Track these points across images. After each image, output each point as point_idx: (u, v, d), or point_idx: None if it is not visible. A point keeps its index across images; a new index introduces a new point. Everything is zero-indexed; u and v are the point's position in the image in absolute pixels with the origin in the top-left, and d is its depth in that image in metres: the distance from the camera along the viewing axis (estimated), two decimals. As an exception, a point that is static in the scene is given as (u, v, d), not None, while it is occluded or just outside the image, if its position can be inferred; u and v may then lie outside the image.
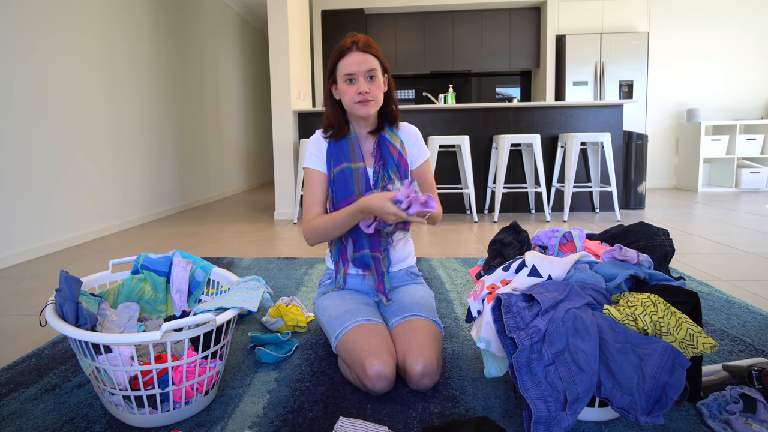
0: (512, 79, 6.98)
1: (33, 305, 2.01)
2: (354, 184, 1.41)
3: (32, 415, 1.16)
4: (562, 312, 0.98)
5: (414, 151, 1.51)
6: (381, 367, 1.15)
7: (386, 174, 1.42)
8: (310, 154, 1.47)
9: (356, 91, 1.35)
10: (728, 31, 6.04)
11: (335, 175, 1.43)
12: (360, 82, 1.34)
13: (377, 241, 1.43)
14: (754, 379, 1.12)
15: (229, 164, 6.34)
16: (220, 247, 3.07)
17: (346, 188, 1.42)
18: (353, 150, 1.44)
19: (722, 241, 2.95)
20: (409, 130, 1.52)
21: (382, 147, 1.45)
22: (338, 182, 1.43)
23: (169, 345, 1.04)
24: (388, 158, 1.43)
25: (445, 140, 3.86)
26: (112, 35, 3.70)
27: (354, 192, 1.41)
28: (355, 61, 1.34)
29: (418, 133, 1.54)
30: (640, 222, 1.33)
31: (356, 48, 1.35)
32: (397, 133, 1.48)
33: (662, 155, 6.28)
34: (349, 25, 6.08)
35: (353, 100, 1.36)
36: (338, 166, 1.43)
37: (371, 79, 1.36)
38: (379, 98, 1.39)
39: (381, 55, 1.40)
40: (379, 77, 1.37)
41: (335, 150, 1.44)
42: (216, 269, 1.50)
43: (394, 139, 1.46)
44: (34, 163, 2.90)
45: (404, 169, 1.45)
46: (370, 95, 1.35)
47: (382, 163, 1.43)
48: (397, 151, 1.45)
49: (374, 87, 1.36)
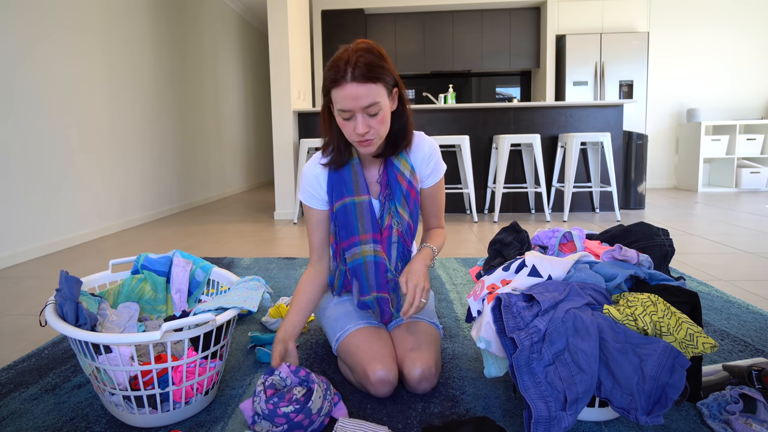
0: (512, 79, 6.98)
1: (33, 305, 2.01)
2: (358, 220, 1.24)
3: (32, 415, 1.16)
4: (562, 312, 0.98)
5: (426, 172, 1.31)
6: (384, 372, 1.14)
7: (392, 206, 1.25)
8: (305, 189, 1.29)
9: (353, 130, 1.12)
10: (728, 31, 6.05)
11: (337, 210, 1.26)
12: (358, 121, 1.10)
13: (384, 281, 1.26)
14: (754, 379, 1.12)
15: (229, 164, 6.34)
16: (220, 247, 3.07)
17: (347, 225, 1.26)
18: (356, 180, 1.25)
19: (722, 241, 2.95)
20: (423, 147, 1.29)
21: (389, 174, 1.26)
22: (340, 219, 1.26)
23: (169, 345, 1.04)
24: (395, 188, 1.25)
25: (445, 140, 3.86)
26: (113, 35, 3.70)
27: (357, 230, 1.25)
28: (350, 95, 1.07)
29: (435, 149, 1.30)
30: (640, 222, 1.33)
31: (351, 77, 1.06)
32: (407, 158, 1.27)
33: (662, 155, 6.28)
34: (349, 25, 6.08)
35: (351, 138, 1.15)
36: (340, 201, 1.25)
37: (372, 116, 1.11)
38: (382, 134, 1.16)
39: (387, 73, 1.11)
40: (383, 108, 1.12)
41: (336, 181, 1.26)
42: (216, 269, 1.50)
43: (404, 165, 1.26)
44: (34, 163, 2.90)
45: (414, 200, 1.28)
46: (370, 134, 1.13)
47: (389, 193, 1.25)
48: (407, 180, 1.25)
49: (376, 123, 1.12)
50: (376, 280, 1.26)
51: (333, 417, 1.08)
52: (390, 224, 1.26)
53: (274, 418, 1.00)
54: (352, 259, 1.27)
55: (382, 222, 1.26)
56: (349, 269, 1.29)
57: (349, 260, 1.28)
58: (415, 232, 1.34)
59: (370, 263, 1.25)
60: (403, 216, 1.26)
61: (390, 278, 1.27)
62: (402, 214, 1.26)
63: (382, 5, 6.14)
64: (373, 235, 1.26)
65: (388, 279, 1.27)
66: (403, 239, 1.28)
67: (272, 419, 1.00)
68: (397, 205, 1.26)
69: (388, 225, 1.26)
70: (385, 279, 1.27)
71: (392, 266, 1.28)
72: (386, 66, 1.12)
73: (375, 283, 1.26)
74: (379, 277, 1.26)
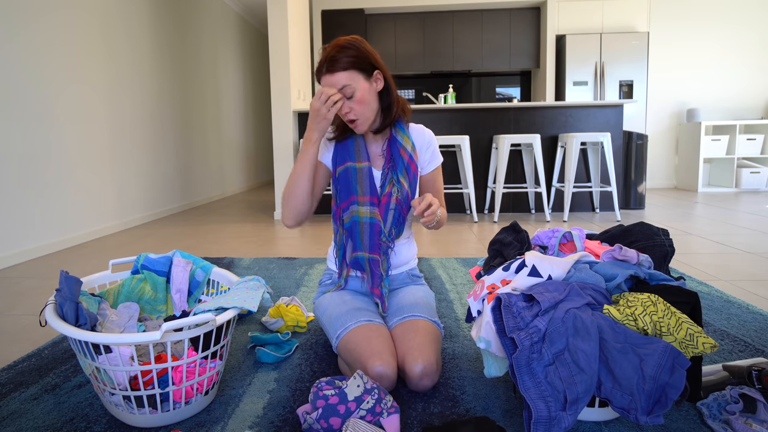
0: (512, 79, 6.98)
1: (33, 305, 2.01)
2: (357, 183, 1.38)
3: (32, 415, 1.16)
4: (562, 312, 0.98)
5: (426, 157, 1.47)
6: (383, 368, 1.14)
7: (395, 176, 1.38)
8: None
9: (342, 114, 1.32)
10: (728, 31, 6.05)
11: (339, 174, 1.40)
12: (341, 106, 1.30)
13: (377, 243, 1.39)
14: (754, 379, 1.12)
15: (229, 164, 6.34)
16: (220, 247, 3.07)
17: (347, 188, 1.39)
18: (358, 150, 1.40)
19: (722, 241, 2.95)
20: (423, 133, 1.47)
21: (393, 149, 1.40)
22: (341, 181, 1.40)
23: (169, 345, 1.04)
24: (398, 160, 1.39)
25: (445, 140, 3.86)
26: (113, 35, 3.70)
27: (356, 191, 1.38)
28: (326, 83, 1.30)
29: (433, 137, 1.49)
30: (640, 222, 1.33)
31: (325, 70, 1.29)
32: (408, 135, 1.43)
33: (662, 155, 6.28)
34: (349, 25, 6.08)
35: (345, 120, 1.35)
36: (342, 165, 1.40)
37: (349, 99, 1.30)
38: (365, 113, 1.33)
39: (360, 61, 1.29)
40: (358, 89, 1.29)
41: (340, 150, 1.42)
42: (216, 269, 1.50)
43: (405, 141, 1.42)
44: (34, 163, 2.90)
45: (414, 173, 1.42)
46: (351, 114, 1.31)
47: (392, 165, 1.39)
48: (408, 154, 1.40)
49: (355, 104, 1.30)
50: (370, 241, 1.38)
51: (382, 426, 1.04)
52: (390, 192, 1.38)
53: (317, 401, 1.02)
54: (350, 217, 1.39)
55: (383, 190, 1.39)
56: (345, 230, 1.41)
57: (346, 220, 1.40)
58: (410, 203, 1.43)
59: (366, 224, 1.38)
60: (404, 184, 1.39)
61: (383, 241, 1.39)
62: (403, 183, 1.39)
63: (382, 5, 6.14)
64: (371, 198, 1.38)
65: (381, 241, 1.39)
66: (399, 207, 1.40)
67: (314, 402, 1.02)
68: (399, 175, 1.39)
69: (388, 192, 1.38)
70: (378, 240, 1.38)
71: (386, 230, 1.39)
72: (361, 55, 1.29)
73: (369, 244, 1.38)
74: (373, 237, 1.38)
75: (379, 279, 1.40)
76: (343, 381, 1.10)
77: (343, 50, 1.28)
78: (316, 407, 1.02)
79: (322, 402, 1.01)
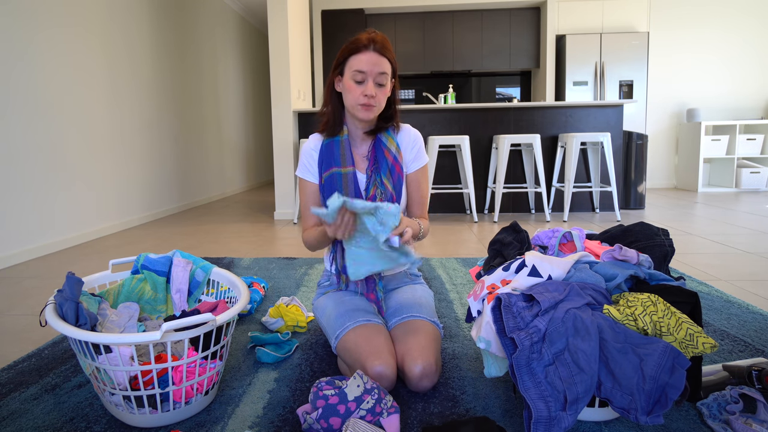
0: (512, 79, 6.98)
1: (33, 305, 2.01)
2: (342, 188, 1.38)
3: (32, 415, 1.16)
4: (562, 312, 0.98)
5: (410, 156, 1.46)
6: (382, 368, 1.15)
7: (378, 178, 1.38)
8: (302, 163, 1.45)
9: (362, 93, 1.31)
10: (728, 31, 6.05)
11: (324, 179, 1.40)
12: (368, 85, 1.31)
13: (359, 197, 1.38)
14: (754, 379, 1.12)
15: (229, 164, 6.34)
16: (220, 247, 3.07)
17: (333, 192, 1.36)
18: (344, 154, 1.40)
19: (722, 241, 2.95)
20: (409, 133, 1.48)
21: (377, 151, 1.41)
22: (327, 187, 1.40)
23: (169, 345, 1.04)
24: (382, 162, 1.39)
25: (445, 140, 3.86)
26: (112, 35, 3.70)
27: None
28: (369, 60, 1.30)
29: (419, 137, 1.49)
30: (640, 222, 1.33)
31: (373, 47, 1.30)
32: (394, 137, 1.44)
33: (662, 155, 6.28)
34: (349, 25, 6.08)
35: (357, 100, 1.32)
36: (327, 171, 1.40)
37: (379, 86, 1.33)
38: (382, 105, 1.36)
39: (394, 59, 1.36)
40: (387, 84, 1.34)
41: (326, 154, 1.41)
42: (216, 269, 1.50)
43: (390, 142, 1.42)
44: (34, 163, 2.90)
45: (398, 174, 1.41)
46: (374, 100, 1.32)
47: (376, 167, 1.39)
48: (392, 155, 1.41)
49: (381, 93, 1.33)
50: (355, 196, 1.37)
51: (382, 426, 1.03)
52: (374, 195, 1.38)
53: (317, 401, 1.02)
54: None
55: (367, 192, 1.38)
56: None
57: None
58: None
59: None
60: (387, 186, 1.39)
61: None
62: (386, 184, 1.39)
63: (382, 5, 6.14)
64: None
65: None
66: None
67: (314, 402, 1.02)
68: (383, 177, 1.39)
69: (372, 195, 1.38)
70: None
71: None
72: (394, 56, 1.36)
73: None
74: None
75: (372, 284, 1.40)
76: (343, 381, 1.10)
77: (389, 46, 1.35)
78: (316, 407, 1.02)
79: (322, 402, 1.01)
